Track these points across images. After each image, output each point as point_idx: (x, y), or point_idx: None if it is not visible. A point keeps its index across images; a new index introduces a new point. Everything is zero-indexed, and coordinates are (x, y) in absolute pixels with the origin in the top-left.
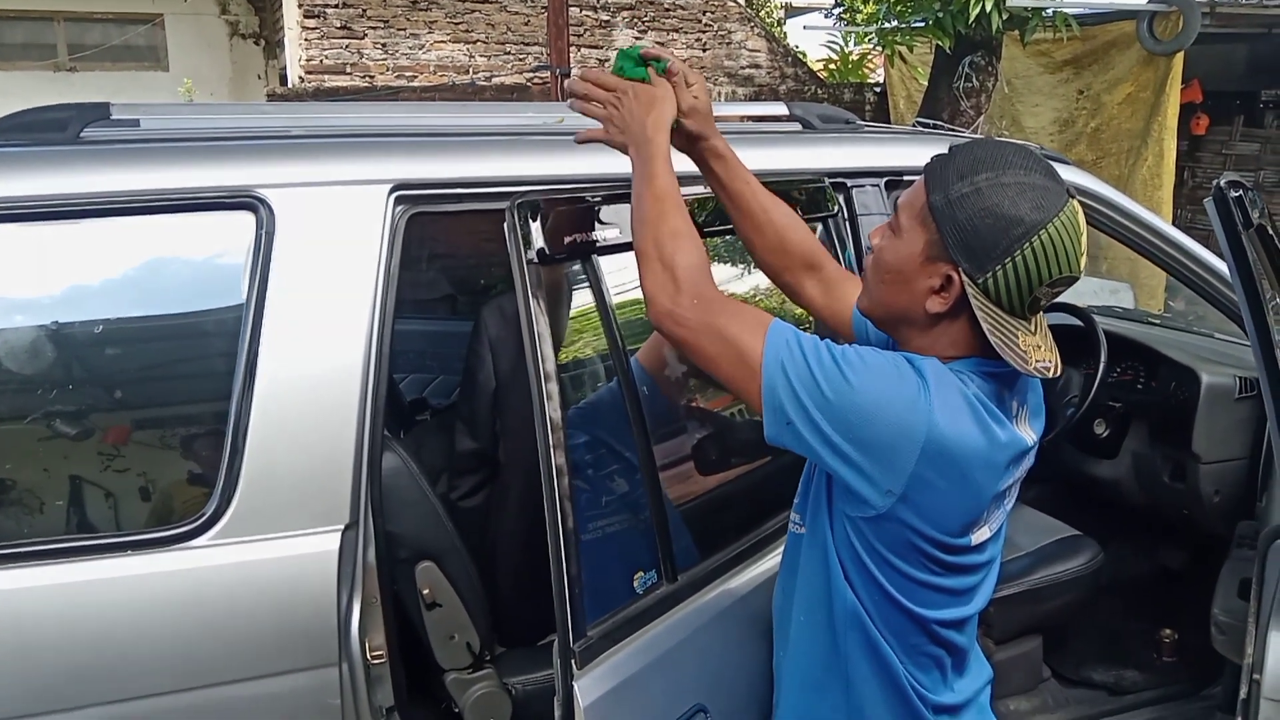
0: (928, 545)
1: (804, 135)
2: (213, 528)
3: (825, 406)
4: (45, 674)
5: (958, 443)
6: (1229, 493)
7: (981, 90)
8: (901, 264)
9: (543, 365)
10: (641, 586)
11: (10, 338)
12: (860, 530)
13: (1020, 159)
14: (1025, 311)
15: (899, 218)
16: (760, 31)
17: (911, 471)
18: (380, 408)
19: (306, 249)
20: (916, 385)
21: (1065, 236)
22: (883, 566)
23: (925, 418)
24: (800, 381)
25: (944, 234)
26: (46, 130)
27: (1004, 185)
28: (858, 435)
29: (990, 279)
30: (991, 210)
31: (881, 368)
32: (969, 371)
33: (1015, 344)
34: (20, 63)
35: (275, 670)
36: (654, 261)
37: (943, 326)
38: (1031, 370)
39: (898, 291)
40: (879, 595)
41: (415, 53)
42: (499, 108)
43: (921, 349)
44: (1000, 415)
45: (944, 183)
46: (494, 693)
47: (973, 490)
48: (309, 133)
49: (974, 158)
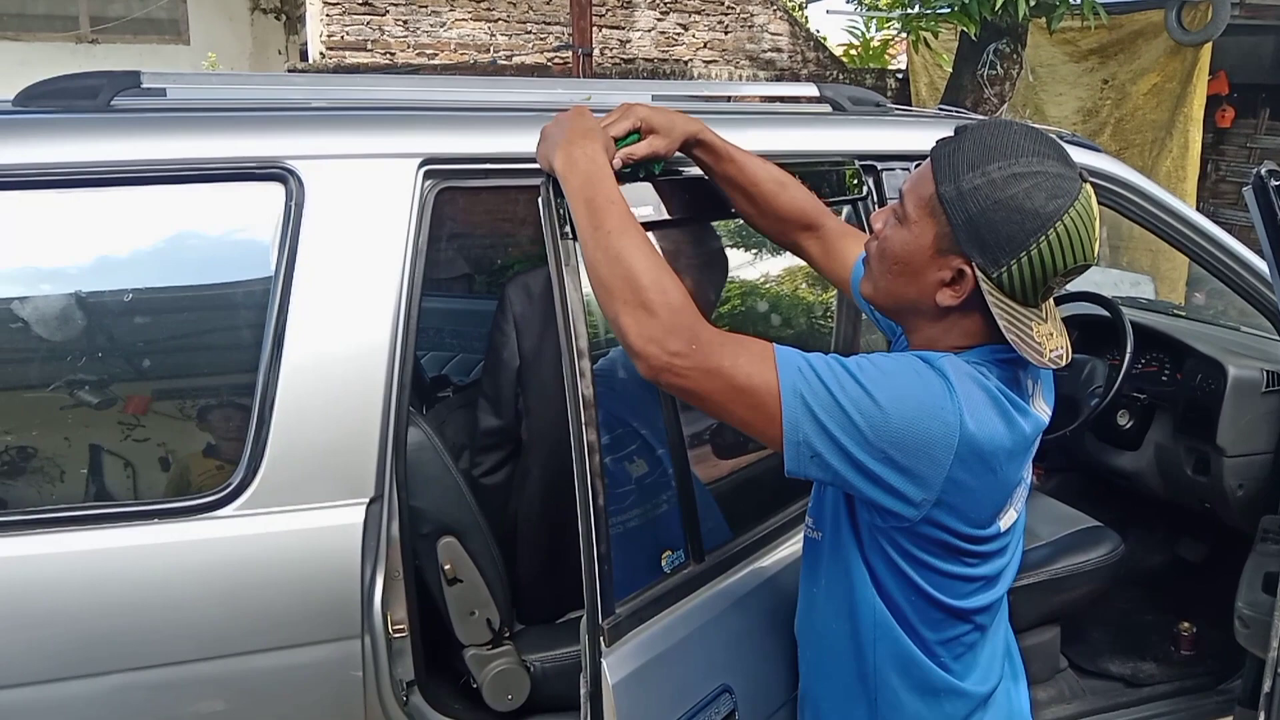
0: (961, 541)
1: (834, 117)
2: (239, 498)
3: (855, 433)
4: (71, 639)
5: (988, 441)
6: (1253, 487)
7: (1006, 78)
8: (910, 255)
9: (576, 342)
10: (669, 566)
11: (39, 305)
12: (892, 538)
13: (1032, 144)
14: (1037, 300)
15: (905, 205)
16: (782, 15)
17: (945, 477)
18: (407, 382)
19: (335, 221)
20: (942, 390)
21: (1081, 225)
22: (919, 568)
23: (956, 424)
24: (825, 411)
25: (955, 227)
26: (78, 97)
27: (1018, 175)
28: (890, 455)
29: (1005, 273)
30: (1006, 203)
31: (905, 377)
32: (985, 361)
33: (1030, 336)
34: (43, 33)
35: (298, 641)
36: (631, 306)
37: (954, 317)
38: (1046, 362)
39: (906, 283)
40: (915, 595)
41: (436, 30)
42: (529, 83)
43: (932, 339)
44: (1021, 402)
45: (954, 172)
46: (513, 669)
47: (1002, 481)
48: (339, 105)
49: (984, 145)
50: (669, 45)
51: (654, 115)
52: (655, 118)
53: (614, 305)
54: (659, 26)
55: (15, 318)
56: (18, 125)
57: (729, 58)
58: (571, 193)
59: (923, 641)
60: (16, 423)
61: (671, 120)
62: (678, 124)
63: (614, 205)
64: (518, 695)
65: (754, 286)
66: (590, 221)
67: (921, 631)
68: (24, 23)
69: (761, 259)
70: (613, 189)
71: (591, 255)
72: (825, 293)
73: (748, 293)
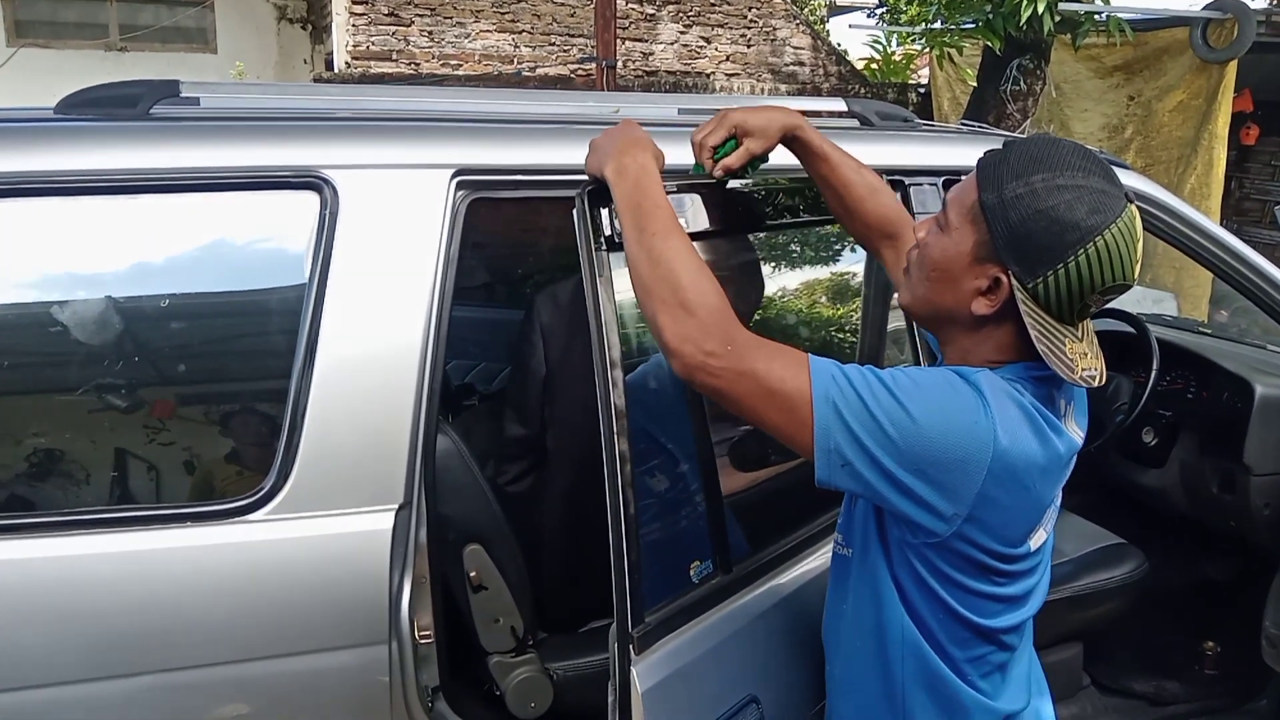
0: (992, 559)
1: (862, 132)
2: (269, 503)
3: (887, 444)
4: (103, 640)
5: (1021, 458)
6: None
7: (1029, 94)
8: (949, 262)
9: (609, 353)
10: (697, 576)
11: (78, 309)
12: (922, 554)
13: (1078, 160)
14: (1074, 318)
15: (948, 213)
16: (805, 29)
17: (977, 493)
18: (436, 391)
19: (369, 230)
20: (976, 405)
21: (1122, 243)
22: (948, 586)
23: (989, 439)
24: (858, 420)
25: (995, 234)
26: (118, 105)
27: (1061, 187)
28: (922, 468)
29: (1041, 284)
30: (1046, 213)
31: (939, 391)
32: (1020, 378)
33: (1063, 352)
34: (73, 41)
35: (326, 646)
36: (670, 305)
37: (988, 329)
38: (1078, 380)
39: (943, 290)
40: (944, 614)
41: (461, 41)
42: (559, 95)
43: (965, 350)
44: (1056, 421)
45: (997, 181)
46: (536, 677)
47: (1034, 500)
48: (372, 115)
49: (1030, 156)
50: (691, 58)
51: (749, 118)
52: (750, 120)
53: (653, 304)
54: (682, 39)
55: (55, 322)
56: (60, 132)
57: (751, 71)
58: (620, 198)
59: (951, 660)
60: (53, 426)
61: (768, 119)
62: (774, 121)
63: (659, 210)
64: (540, 703)
65: (780, 298)
66: (635, 225)
67: (950, 650)
68: (55, 30)
69: (787, 270)
70: (659, 195)
71: (635, 257)
72: (849, 305)
73: (773, 303)
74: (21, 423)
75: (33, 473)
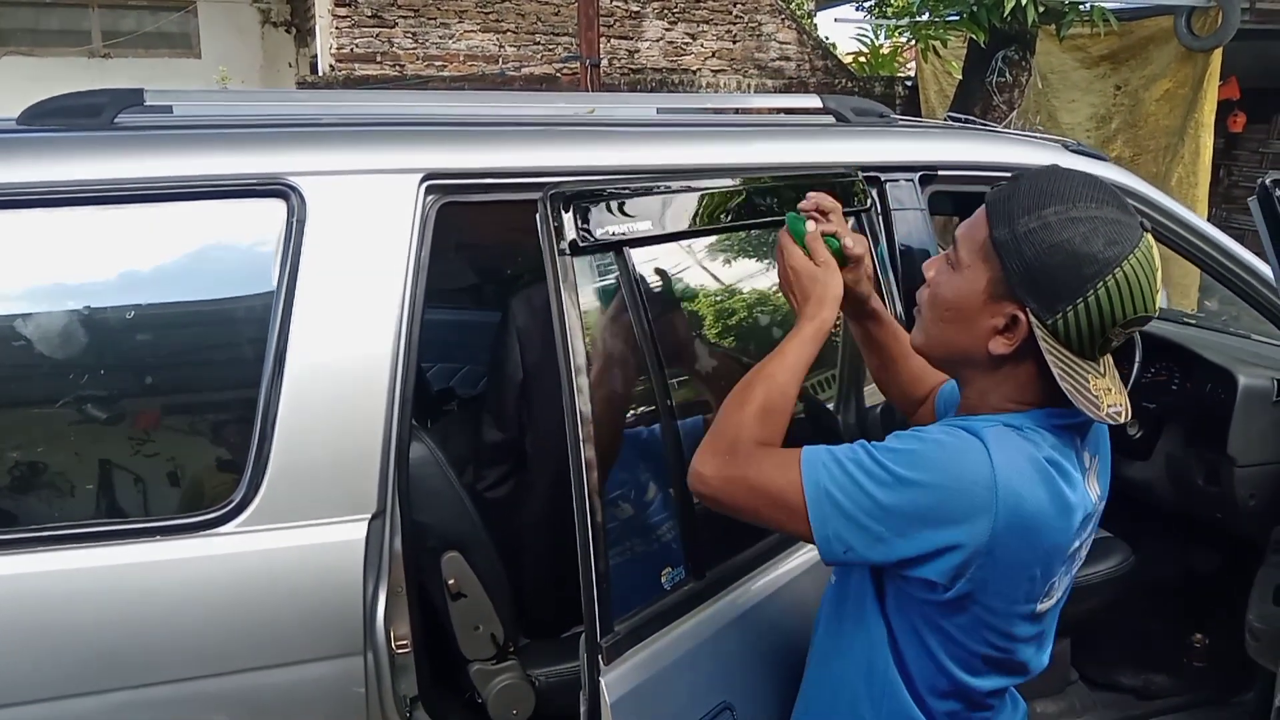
0: (994, 618)
1: (837, 128)
2: (240, 514)
3: (885, 518)
4: (74, 656)
5: (1032, 516)
6: (1265, 497)
7: (1015, 85)
8: (962, 301)
9: (573, 358)
10: (669, 583)
11: (42, 322)
12: (918, 601)
13: (1090, 191)
14: (1095, 353)
15: (958, 251)
16: (790, 24)
17: (981, 548)
18: (409, 397)
19: (337, 237)
20: (980, 460)
21: (1141, 274)
22: (939, 636)
23: (992, 498)
24: (853, 502)
25: (1009, 271)
26: (81, 115)
27: (1075, 219)
28: (924, 532)
29: (1060, 320)
30: (1062, 246)
31: (938, 449)
32: (1040, 427)
33: (1087, 389)
34: (55, 49)
35: (301, 658)
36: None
37: (1008, 369)
38: (1104, 417)
39: (957, 331)
40: (928, 662)
41: (445, 42)
42: (530, 97)
43: (984, 392)
44: (1073, 475)
45: (1008, 216)
46: (518, 684)
47: (1041, 557)
48: (340, 121)
49: (1040, 189)
50: (677, 55)
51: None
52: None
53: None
54: (667, 36)
55: (18, 335)
56: (21, 144)
57: (737, 66)
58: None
59: (928, 710)
60: (20, 440)
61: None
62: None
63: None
64: (522, 710)
65: (755, 300)
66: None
67: (928, 700)
68: (37, 38)
69: (759, 277)
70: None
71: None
72: None
73: (750, 307)
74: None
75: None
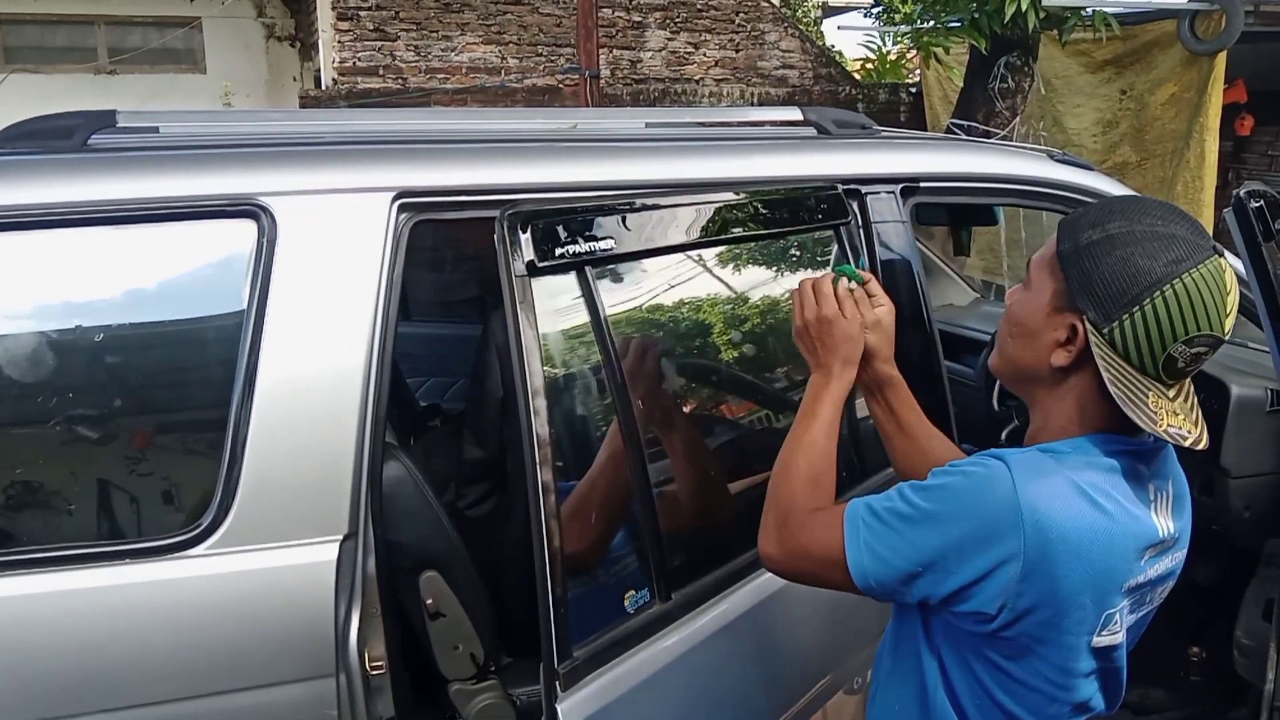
0: (1044, 648)
1: (818, 141)
2: (211, 536)
3: (920, 558)
4: (42, 681)
5: (1065, 535)
6: (1260, 508)
7: (1017, 91)
8: (1028, 316)
9: (530, 380)
10: (633, 605)
11: (11, 345)
12: (971, 640)
13: (1159, 209)
14: (1160, 372)
15: (1029, 271)
16: (794, 32)
17: (1021, 565)
18: (381, 417)
19: (308, 257)
20: (1004, 485)
21: (1205, 290)
22: (997, 675)
23: (1017, 517)
24: (889, 548)
25: (1070, 281)
26: (53, 138)
27: (1138, 234)
28: (961, 566)
29: (1117, 329)
30: (1121, 256)
31: (965, 481)
32: (1089, 453)
33: (1144, 403)
34: (62, 65)
35: (272, 680)
36: (775, 502)
37: (1070, 384)
38: (1162, 432)
39: (1023, 346)
40: (987, 703)
41: (448, 54)
42: (507, 113)
43: (1047, 412)
44: (1120, 500)
45: (1075, 231)
46: (498, 704)
47: (1091, 587)
48: (312, 140)
49: (1108, 207)
50: (680, 64)
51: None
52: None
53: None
54: (670, 46)
55: None
56: None
57: (740, 75)
58: (828, 398)
59: None
60: None
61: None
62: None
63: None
64: None
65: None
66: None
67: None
68: (44, 55)
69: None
70: (829, 409)
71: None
72: None
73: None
74: None
75: None
